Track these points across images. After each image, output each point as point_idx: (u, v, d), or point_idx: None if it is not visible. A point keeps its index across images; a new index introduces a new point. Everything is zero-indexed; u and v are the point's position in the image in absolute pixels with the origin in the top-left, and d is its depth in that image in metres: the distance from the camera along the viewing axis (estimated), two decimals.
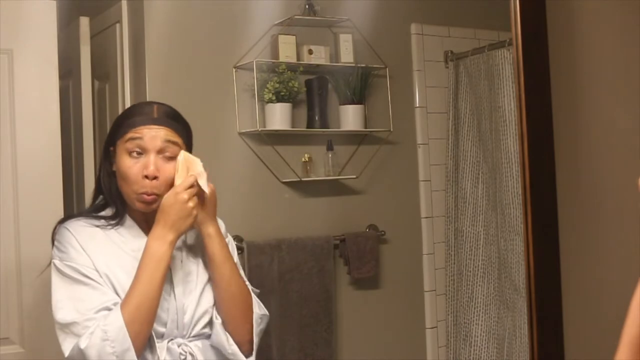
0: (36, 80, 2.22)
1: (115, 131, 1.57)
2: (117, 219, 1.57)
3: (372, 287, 2.83)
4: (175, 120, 1.57)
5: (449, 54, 3.01)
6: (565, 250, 1.67)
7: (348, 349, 2.74)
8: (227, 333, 1.57)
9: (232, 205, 2.45)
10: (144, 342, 1.46)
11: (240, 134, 2.56)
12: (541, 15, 1.67)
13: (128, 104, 2.53)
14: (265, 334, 1.72)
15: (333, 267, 2.69)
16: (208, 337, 1.60)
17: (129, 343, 1.41)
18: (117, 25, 2.57)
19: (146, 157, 1.51)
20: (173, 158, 1.53)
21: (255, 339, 1.60)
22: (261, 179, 2.61)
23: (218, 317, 1.58)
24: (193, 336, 1.57)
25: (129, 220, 1.58)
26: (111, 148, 1.58)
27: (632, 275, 1.51)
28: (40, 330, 2.17)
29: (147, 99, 2.40)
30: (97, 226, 1.56)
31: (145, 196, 1.50)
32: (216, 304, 1.59)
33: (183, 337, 1.56)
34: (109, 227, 1.56)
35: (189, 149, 1.59)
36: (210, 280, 1.59)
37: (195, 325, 1.57)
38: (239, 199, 2.51)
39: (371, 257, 2.77)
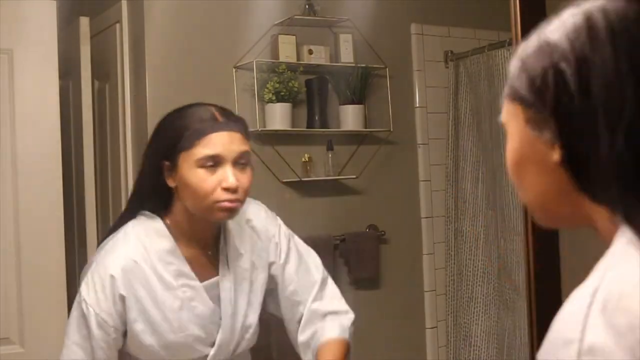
0: (36, 80, 2.22)
1: (174, 143, 1.39)
2: (164, 245, 1.45)
3: (372, 287, 2.83)
4: (239, 121, 1.45)
5: (449, 54, 3.01)
6: (565, 250, 1.67)
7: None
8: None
9: None
10: None
11: None
12: (541, 15, 1.67)
13: (128, 104, 2.53)
14: (265, 333, 1.73)
15: (333, 267, 2.69)
16: (245, 352, 1.59)
17: None
18: (117, 25, 2.57)
19: (222, 169, 1.38)
20: (247, 164, 1.42)
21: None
22: (261, 179, 2.60)
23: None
24: (235, 355, 1.54)
25: (175, 248, 1.46)
26: (166, 162, 1.41)
27: None
28: (40, 330, 2.17)
29: (147, 99, 2.40)
30: (138, 259, 1.43)
31: (227, 203, 1.38)
32: None
33: (226, 355, 1.52)
34: (154, 254, 1.44)
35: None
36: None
37: (238, 346, 1.54)
38: None
39: (371, 257, 2.77)
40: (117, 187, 2.58)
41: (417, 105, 2.98)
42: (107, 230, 1.60)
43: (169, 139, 1.41)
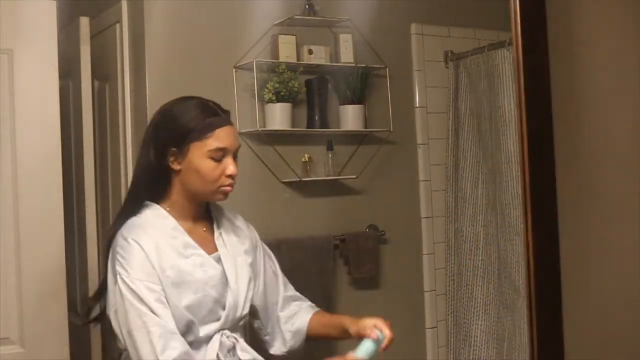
0: (36, 80, 2.22)
1: (185, 133, 1.62)
2: (169, 224, 1.66)
3: (372, 287, 2.83)
4: (228, 114, 1.72)
5: (449, 54, 3.01)
6: (565, 250, 1.67)
7: (348, 349, 2.73)
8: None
9: (232, 205, 2.45)
10: None
11: (240, 134, 2.56)
12: (541, 15, 1.67)
13: (128, 104, 2.53)
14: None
15: (333, 267, 2.69)
16: (243, 325, 1.75)
17: None
18: (117, 25, 2.57)
19: (226, 159, 1.65)
20: (237, 156, 1.69)
21: None
22: (261, 179, 2.61)
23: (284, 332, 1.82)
24: (236, 325, 1.71)
25: (177, 226, 1.68)
26: (173, 149, 1.64)
27: (632, 275, 1.51)
28: (40, 330, 2.17)
29: (147, 99, 2.40)
30: (154, 235, 1.63)
31: (228, 187, 1.67)
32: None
33: (230, 328, 1.68)
34: (162, 232, 1.64)
35: None
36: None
37: (242, 316, 1.70)
38: (239, 199, 2.50)
39: (371, 257, 2.77)
40: (117, 187, 2.58)
41: (417, 105, 2.98)
42: (110, 223, 1.79)
43: (180, 129, 1.63)
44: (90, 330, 2.49)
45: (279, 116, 2.55)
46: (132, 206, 1.68)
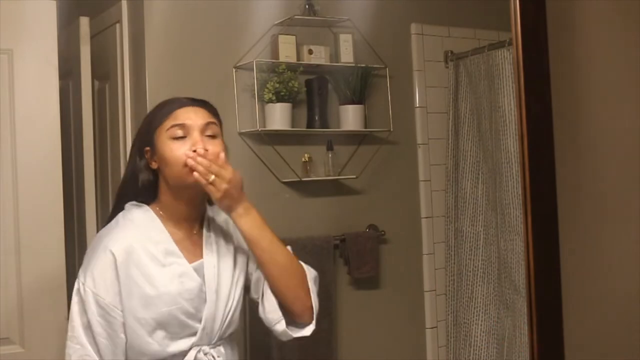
0: (36, 80, 2.22)
1: (149, 127, 1.58)
2: (154, 227, 1.58)
3: (372, 287, 2.83)
4: (204, 102, 1.62)
5: (449, 54, 3.01)
6: (565, 251, 1.67)
7: (348, 348, 2.74)
8: (271, 317, 1.62)
9: None
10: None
11: (240, 134, 2.56)
12: (541, 15, 1.67)
13: (128, 104, 2.53)
14: (265, 333, 1.73)
15: (333, 267, 2.69)
16: (229, 339, 1.62)
17: None
18: (117, 25, 2.57)
19: (190, 138, 1.53)
20: (214, 136, 1.57)
21: (315, 303, 1.65)
22: (261, 179, 2.61)
23: (266, 299, 1.61)
24: (218, 340, 1.59)
25: (163, 230, 1.58)
26: (146, 148, 1.59)
27: (633, 275, 1.51)
28: (40, 330, 2.17)
29: (147, 99, 2.40)
30: (132, 241, 1.54)
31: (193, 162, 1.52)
32: (268, 282, 1.61)
33: (209, 343, 1.56)
34: (145, 236, 1.55)
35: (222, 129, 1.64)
36: (257, 262, 1.61)
37: (224, 330, 1.59)
38: None
39: (371, 257, 2.77)
40: (118, 187, 2.58)
41: (417, 105, 2.98)
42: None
43: (145, 126, 1.60)
44: None
45: (279, 116, 2.55)
46: (120, 207, 1.63)
